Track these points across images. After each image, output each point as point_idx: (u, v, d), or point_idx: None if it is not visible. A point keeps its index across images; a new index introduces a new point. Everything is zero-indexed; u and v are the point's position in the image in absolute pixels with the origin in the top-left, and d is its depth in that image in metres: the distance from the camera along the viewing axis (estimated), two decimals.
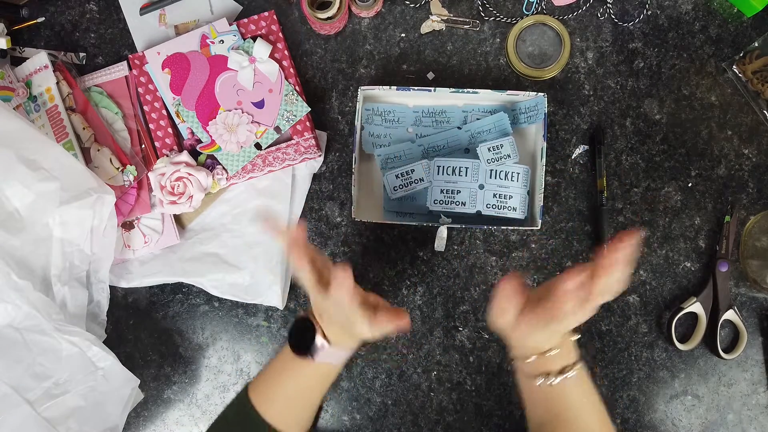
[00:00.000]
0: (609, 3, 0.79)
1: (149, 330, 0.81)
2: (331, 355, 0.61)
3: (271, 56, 0.77)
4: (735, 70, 0.78)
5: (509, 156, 0.74)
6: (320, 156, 0.79)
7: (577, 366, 0.56)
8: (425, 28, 0.80)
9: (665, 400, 0.78)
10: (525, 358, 0.57)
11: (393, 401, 0.79)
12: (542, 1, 0.80)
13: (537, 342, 0.56)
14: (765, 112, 0.78)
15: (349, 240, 0.80)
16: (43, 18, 0.81)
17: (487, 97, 0.76)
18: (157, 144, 0.78)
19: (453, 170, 0.74)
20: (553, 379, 0.56)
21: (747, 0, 0.77)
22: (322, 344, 0.59)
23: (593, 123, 0.80)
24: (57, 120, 0.76)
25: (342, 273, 0.53)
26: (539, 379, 0.56)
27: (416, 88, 0.75)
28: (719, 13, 0.80)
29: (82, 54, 0.81)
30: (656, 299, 0.79)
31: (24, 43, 0.81)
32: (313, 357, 0.60)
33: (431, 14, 0.80)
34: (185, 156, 0.76)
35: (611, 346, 0.78)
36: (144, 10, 0.80)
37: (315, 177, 0.80)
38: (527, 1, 0.80)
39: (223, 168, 0.77)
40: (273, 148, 0.77)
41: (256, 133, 0.77)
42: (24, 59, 0.78)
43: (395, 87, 0.75)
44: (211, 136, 0.77)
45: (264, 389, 0.62)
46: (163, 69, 0.77)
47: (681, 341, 0.78)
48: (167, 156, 0.77)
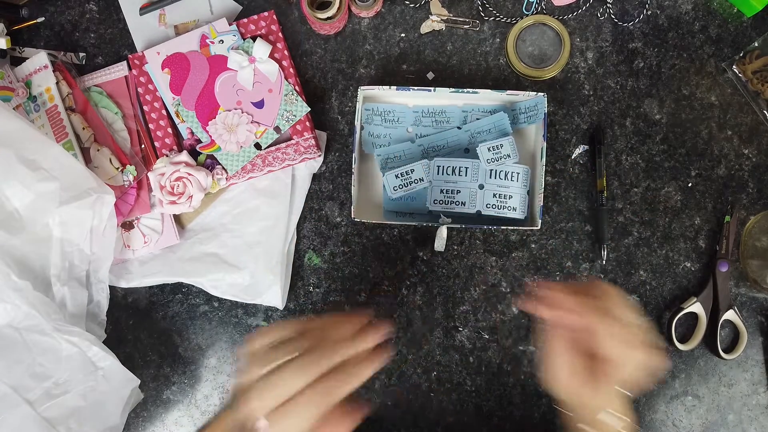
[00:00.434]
0: (609, 3, 0.79)
1: (149, 330, 0.80)
2: None
3: (271, 56, 0.77)
4: (735, 70, 0.78)
5: (509, 156, 0.74)
6: (320, 156, 0.79)
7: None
8: (425, 28, 0.80)
9: (665, 401, 0.78)
10: (580, 421, 0.55)
11: (393, 402, 0.79)
12: (542, 1, 0.80)
13: (591, 403, 0.54)
14: (765, 112, 0.78)
15: (349, 240, 0.80)
16: (43, 18, 0.81)
17: (487, 97, 0.76)
18: (157, 144, 0.78)
19: (453, 170, 0.74)
20: None
21: (747, 0, 0.77)
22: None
23: (593, 123, 0.80)
24: (57, 120, 0.76)
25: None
26: None
27: (416, 88, 0.75)
28: (719, 13, 0.80)
29: (82, 54, 0.81)
30: (656, 299, 0.79)
31: (24, 43, 0.81)
32: None
33: (431, 14, 0.80)
34: (185, 156, 0.76)
35: None
36: (144, 10, 0.80)
37: (315, 177, 0.80)
38: (527, 1, 0.80)
39: (223, 168, 0.77)
40: (273, 148, 0.77)
41: (256, 133, 0.77)
42: (24, 59, 0.78)
43: (395, 87, 0.75)
44: (211, 136, 0.77)
45: None
46: (163, 69, 0.77)
47: (681, 341, 0.78)
48: (167, 156, 0.77)
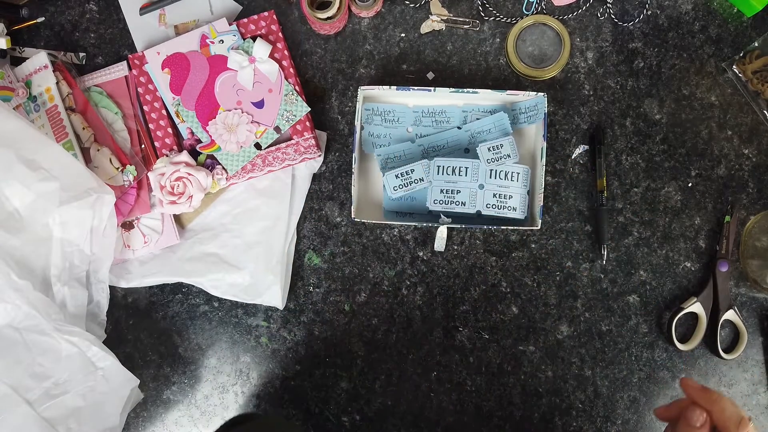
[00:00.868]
0: (609, 3, 0.79)
1: (149, 330, 0.80)
2: None
3: (271, 56, 0.77)
4: (735, 70, 0.78)
5: (509, 156, 0.74)
6: (320, 156, 0.79)
7: None
8: (425, 28, 0.80)
9: (666, 401, 0.78)
10: None
11: (393, 402, 0.79)
12: (542, 1, 0.80)
13: None
14: (765, 112, 0.78)
15: (349, 240, 0.80)
16: (43, 18, 0.81)
17: (487, 97, 0.76)
18: (157, 144, 0.78)
19: (453, 170, 0.74)
20: None
21: (747, 0, 0.77)
22: None
23: (593, 123, 0.80)
24: (57, 120, 0.76)
25: None
26: None
27: (416, 88, 0.75)
28: (719, 13, 0.80)
29: (82, 54, 0.81)
30: (656, 299, 0.79)
31: (24, 43, 0.81)
32: None
33: (431, 14, 0.80)
34: (185, 156, 0.76)
35: (611, 347, 0.78)
36: (144, 10, 0.80)
37: (315, 177, 0.80)
38: (527, 1, 0.80)
39: (223, 168, 0.77)
40: (273, 148, 0.77)
41: (256, 133, 0.77)
42: (24, 59, 0.78)
43: (395, 87, 0.75)
44: (211, 136, 0.77)
45: None
46: (163, 69, 0.77)
47: (681, 341, 0.78)
48: (167, 156, 0.77)
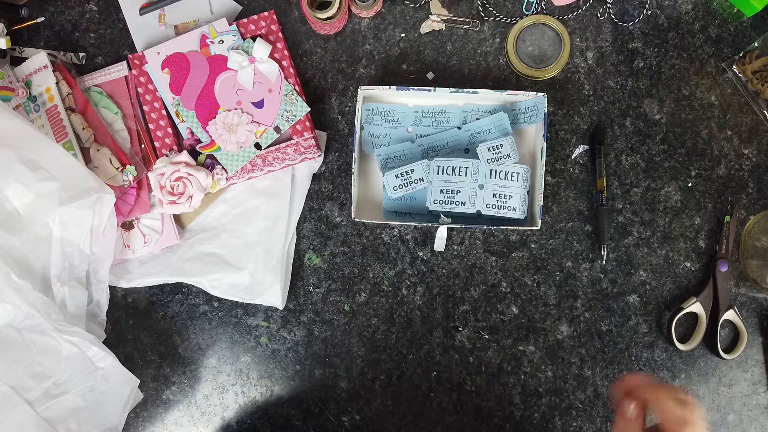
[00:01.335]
0: (609, 3, 0.79)
1: (149, 330, 0.80)
2: None
3: (271, 56, 0.77)
4: (735, 70, 0.78)
5: (509, 156, 0.74)
6: (320, 156, 0.79)
7: None
8: (425, 28, 0.80)
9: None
10: None
11: (392, 402, 0.79)
12: (542, 1, 0.80)
13: None
14: (765, 112, 0.78)
15: (349, 240, 0.80)
16: (43, 18, 0.81)
17: (487, 97, 0.76)
18: (157, 144, 0.78)
19: (453, 170, 0.74)
20: None
21: (747, 0, 0.77)
22: None
23: (593, 123, 0.80)
24: (56, 120, 0.76)
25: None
26: None
27: (416, 88, 0.75)
28: (719, 13, 0.80)
29: (82, 54, 0.81)
30: (656, 299, 0.79)
31: (24, 43, 0.81)
32: None
33: (431, 14, 0.80)
34: (185, 156, 0.76)
35: (611, 347, 0.78)
36: (143, 10, 0.80)
37: (315, 177, 0.80)
38: (527, 1, 0.80)
39: (223, 168, 0.77)
40: (273, 148, 0.77)
41: (256, 133, 0.77)
42: (23, 59, 0.78)
43: (395, 87, 0.75)
44: (211, 136, 0.77)
45: None
46: (163, 69, 0.77)
47: (681, 341, 0.78)
48: (167, 156, 0.77)
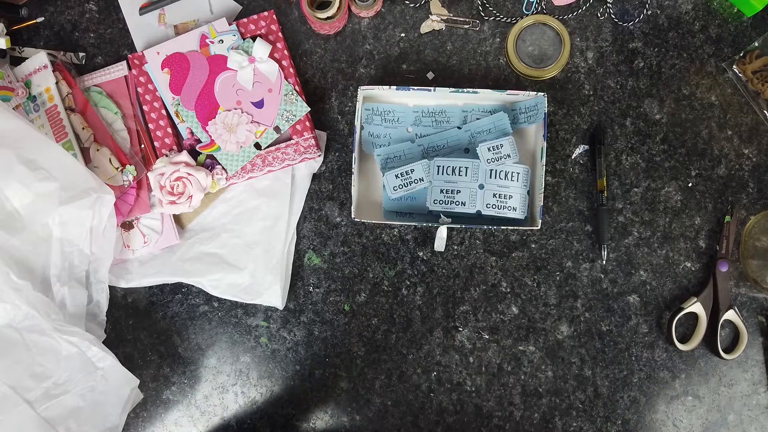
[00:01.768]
0: (609, 3, 0.79)
1: (149, 330, 0.80)
2: None
3: (271, 56, 0.77)
4: (735, 70, 0.78)
5: (509, 156, 0.74)
6: (320, 156, 0.79)
7: None
8: (425, 28, 0.80)
9: (666, 401, 0.78)
10: None
11: (392, 402, 0.79)
12: (542, 1, 0.80)
13: None
14: (765, 112, 0.78)
15: (349, 240, 0.80)
16: (43, 18, 0.81)
17: (487, 97, 0.76)
18: (157, 144, 0.78)
19: (453, 170, 0.74)
20: None
21: (747, 0, 0.77)
22: None
23: (593, 123, 0.80)
24: (56, 120, 0.76)
25: None
26: None
27: (416, 88, 0.75)
28: (719, 13, 0.80)
29: (82, 54, 0.81)
30: (656, 299, 0.79)
31: (23, 43, 0.81)
32: None
33: (431, 14, 0.80)
34: (185, 156, 0.76)
35: (611, 347, 0.78)
36: (143, 10, 0.80)
37: (315, 177, 0.80)
38: (527, 1, 0.80)
39: (223, 168, 0.77)
40: (272, 148, 0.77)
41: (256, 133, 0.77)
42: (23, 59, 0.78)
43: (395, 87, 0.75)
44: (211, 136, 0.77)
45: None
46: (163, 69, 0.77)
47: (681, 341, 0.78)
48: (167, 156, 0.77)
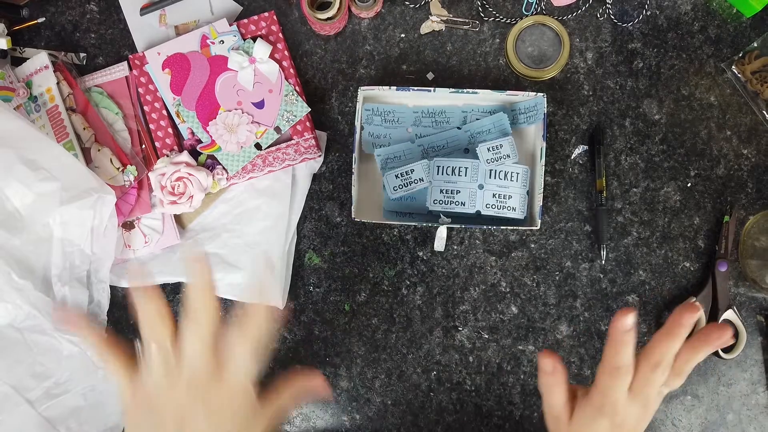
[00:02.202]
0: (608, 3, 0.80)
1: None
2: None
3: (271, 56, 0.77)
4: (734, 71, 0.78)
5: (509, 156, 0.74)
6: (320, 156, 0.79)
7: None
8: (425, 29, 0.80)
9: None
10: None
11: (392, 401, 0.79)
12: (542, 2, 0.80)
13: None
14: (764, 112, 0.78)
15: (349, 240, 0.80)
16: (44, 18, 0.81)
17: (487, 98, 0.77)
18: (158, 144, 0.78)
19: (452, 170, 0.75)
20: None
21: (746, 0, 0.77)
22: None
23: (592, 123, 0.80)
24: (57, 120, 0.76)
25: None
26: None
27: (416, 89, 0.75)
28: (718, 14, 0.80)
29: (83, 54, 0.81)
30: (655, 299, 0.79)
31: (24, 44, 0.81)
32: None
33: (431, 15, 0.80)
34: (185, 156, 0.76)
35: None
36: (144, 11, 0.80)
37: (315, 177, 0.80)
38: (527, 2, 0.80)
39: (223, 168, 0.77)
40: (273, 149, 0.78)
41: (256, 134, 0.77)
42: (24, 59, 0.78)
43: (395, 87, 0.75)
44: (212, 137, 0.77)
45: None
46: (164, 69, 0.77)
47: None
48: (167, 156, 0.77)
